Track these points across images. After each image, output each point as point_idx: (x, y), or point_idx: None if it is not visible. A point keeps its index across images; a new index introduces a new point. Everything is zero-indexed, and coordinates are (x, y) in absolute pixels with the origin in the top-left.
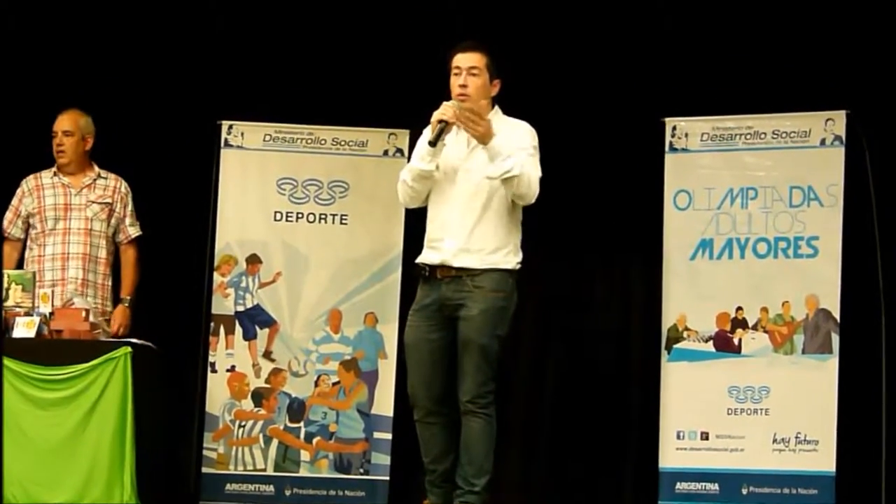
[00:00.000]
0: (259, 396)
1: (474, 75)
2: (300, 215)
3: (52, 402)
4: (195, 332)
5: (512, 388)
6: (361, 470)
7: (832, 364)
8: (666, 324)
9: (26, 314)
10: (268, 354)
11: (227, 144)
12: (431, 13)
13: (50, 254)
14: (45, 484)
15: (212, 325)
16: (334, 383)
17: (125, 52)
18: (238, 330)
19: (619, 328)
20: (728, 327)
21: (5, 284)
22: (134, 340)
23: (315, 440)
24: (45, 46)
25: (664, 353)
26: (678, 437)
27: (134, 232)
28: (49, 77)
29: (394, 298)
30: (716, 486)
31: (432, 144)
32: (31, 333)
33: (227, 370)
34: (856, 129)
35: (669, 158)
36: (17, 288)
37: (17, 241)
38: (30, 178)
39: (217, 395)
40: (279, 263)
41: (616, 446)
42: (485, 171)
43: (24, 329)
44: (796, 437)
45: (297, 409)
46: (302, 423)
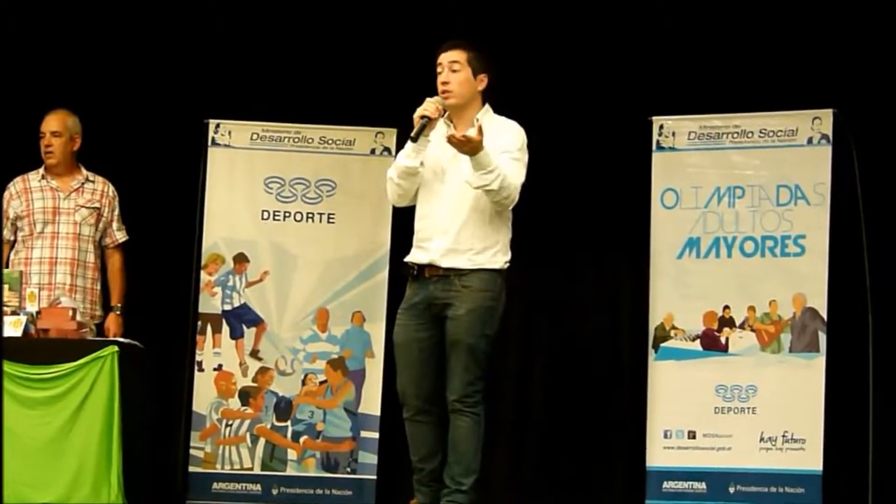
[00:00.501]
0: (246, 395)
1: (455, 71)
2: (287, 214)
3: (38, 401)
4: (182, 330)
5: (500, 388)
6: (349, 469)
7: (819, 363)
8: (653, 323)
9: (13, 313)
10: (255, 353)
11: (214, 143)
12: (419, 11)
13: (38, 257)
14: (33, 484)
15: (199, 323)
16: (321, 382)
17: (111, 51)
18: (225, 329)
19: (606, 327)
20: (715, 326)
21: None
22: (121, 339)
23: (302, 439)
24: (29, 45)
25: (651, 351)
26: (665, 435)
27: (121, 237)
28: (33, 76)
29: (381, 297)
30: (703, 485)
31: (413, 140)
32: (18, 332)
33: (214, 369)
34: (843, 127)
35: (657, 157)
36: (4, 287)
37: (6, 243)
38: (17, 180)
39: (204, 394)
40: (266, 262)
41: (603, 445)
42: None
43: (10, 328)
44: (783, 436)
45: (284, 408)
46: (289, 422)
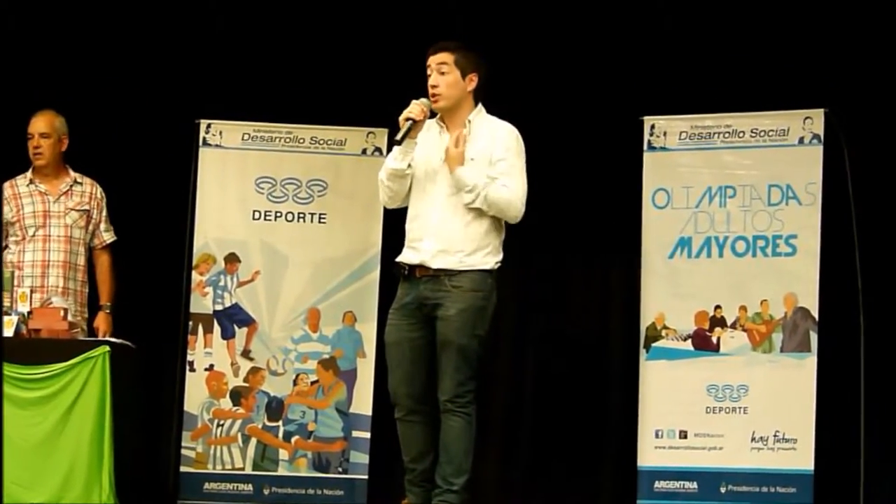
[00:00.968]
0: (237, 395)
1: (444, 73)
2: (279, 214)
3: (30, 401)
4: (173, 331)
5: (491, 388)
6: (340, 469)
7: (811, 363)
8: (644, 322)
9: (4, 313)
10: (246, 353)
11: (205, 143)
12: (411, 11)
13: (30, 260)
14: (24, 484)
15: (190, 324)
16: (313, 382)
17: (101, 50)
18: (216, 329)
19: (597, 327)
20: (706, 326)
21: None
22: (112, 339)
23: (293, 439)
24: (15, 44)
25: (643, 351)
26: (657, 435)
27: (109, 237)
28: (19, 76)
29: (372, 297)
30: (694, 485)
31: (398, 143)
32: (9, 333)
33: (206, 369)
34: (834, 127)
35: (648, 157)
36: None
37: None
38: (4, 185)
39: (195, 394)
40: (258, 262)
41: (595, 445)
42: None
43: None
44: (775, 436)
45: (275, 407)
46: (280, 422)
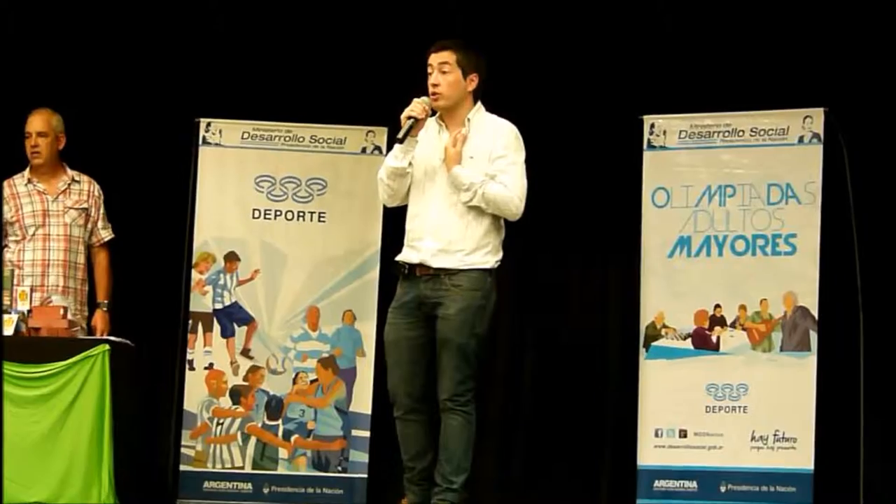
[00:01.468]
0: (237, 394)
1: (445, 72)
2: (278, 213)
3: (29, 399)
4: (173, 329)
5: (490, 386)
6: (339, 468)
7: (810, 362)
8: (644, 321)
9: (4, 312)
10: (246, 352)
11: (204, 142)
12: (411, 10)
13: (30, 259)
14: (23, 482)
15: (190, 322)
16: (312, 381)
17: (101, 48)
18: (216, 328)
19: (597, 326)
20: (706, 325)
21: None
22: (111, 338)
23: (293, 438)
24: (13, 41)
25: (642, 350)
26: (656, 434)
27: (106, 235)
28: (17, 74)
29: (372, 296)
30: (694, 484)
31: (400, 141)
32: (9, 331)
33: (205, 368)
34: (833, 126)
35: (648, 156)
36: None
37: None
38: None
39: (195, 393)
40: (257, 261)
41: (594, 444)
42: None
43: None
44: (774, 435)
45: (275, 406)
46: (280, 421)
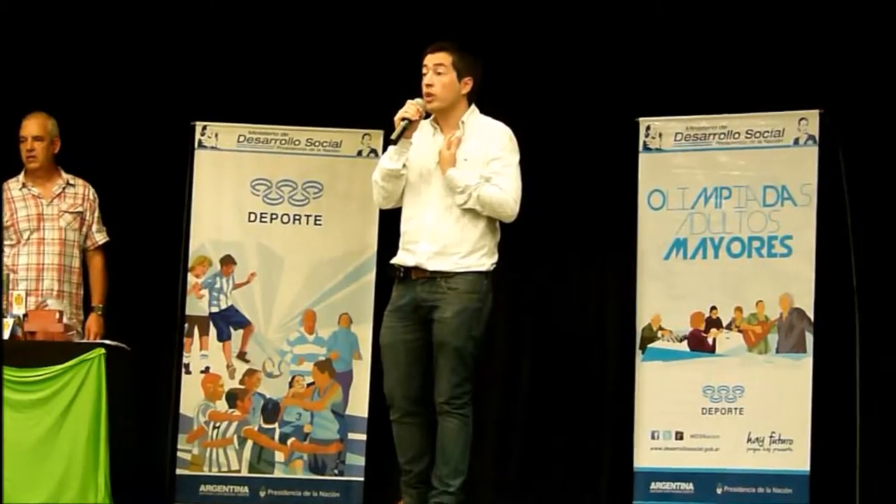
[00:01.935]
0: (233, 397)
1: (440, 74)
2: (274, 216)
3: (26, 404)
4: (169, 333)
5: (487, 389)
6: (336, 471)
7: (806, 363)
8: (640, 324)
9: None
10: (242, 355)
11: (200, 145)
12: (406, 12)
13: (24, 263)
14: (20, 486)
15: (186, 326)
16: (309, 384)
17: (97, 52)
18: (212, 331)
19: (593, 328)
20: (702, 327)
21: None
22: (107, 342)
23: (289, 441)
24: (8, 44)
25: (638, 352)
26: (653, 436)
27: (101, 238)
28: (13, 77)
29: (368, 299)
30: (690, 486)
31: (394, 142)
32: (5, 335)
33: (202, 371)
34: (829, 128)
35: (643, 158)
36: None
37: None
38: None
39: (191, 397)
40: (253, 264)
41: (591, 446)
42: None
43: None
44: (771, 437)
45: (271, 410)
46: (276, 424)
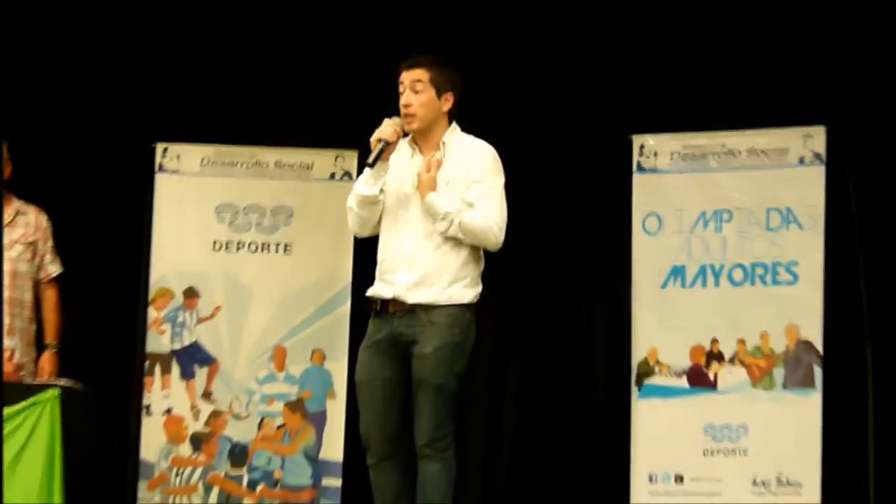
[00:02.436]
0: (198, 441)
1: (418, 92)
2: (241, 244)
3: None
4: (128, 371)
5: (469, 428)
6: None
7: (815, 399)
8: (636, 357)
9: None
10: (207, 395)
11: (161, 169)
12: (382, 23)
13: None
14: None
15: (146, 363)
16: (279, 426)
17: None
18: (175, 369)
19: (584, 362)
20: (703, 361)
21: None
22: (62, 382)
23: (259, 487)
24: None
25: (634, 388)
26: (650, 479)
27: (55, 270)
28: None
29: (343, 333)
30: None
31: (370, 166)
32: None
33: (163, 413)
34: (836, 145)
35: (637, 179)
36: None
37: None
38: None
39: (152, 440)
40: (219, 297)
41: (583, 490)
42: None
43: None
44: (777, 479)
45: (239, 454)
46: (244, 470)
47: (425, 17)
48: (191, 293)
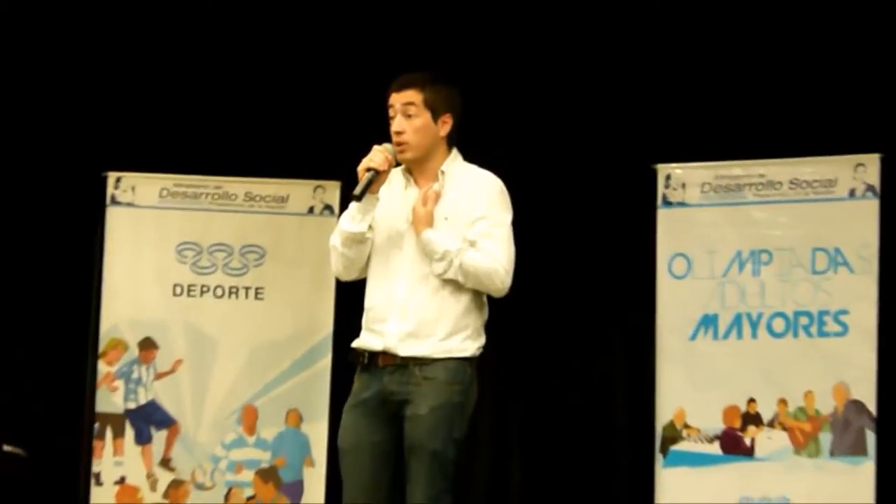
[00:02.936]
0: None
1: (410, 116)
2: (205, 289)
3: None
4: (76, 435)
5: (470, 500)
6: None
7: (867, 468)
8: (661, 420)
9: None
10: (166, 462)
11: (114, 201)
12: (370, 38)
13: None
14: None
15: (96, 425)
16: (249, 498)
17: None
18: (129, 432)
19: (602, 426)
20: (738, 424)
21: None
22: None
23: None
24: None
25: (659, 456)
26: None
27: None
28: None
29: (323, 391)
30: None
31: (358, 199)
32: None
33: (116, 482)
34: (892, 176)
35: (663, 214)
36: None
37: None
38: None
39: None
40: (180, 349)
41: None
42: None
43: None
44: None
45: None
46: None
47: (421, 32)
48: (147, 345)
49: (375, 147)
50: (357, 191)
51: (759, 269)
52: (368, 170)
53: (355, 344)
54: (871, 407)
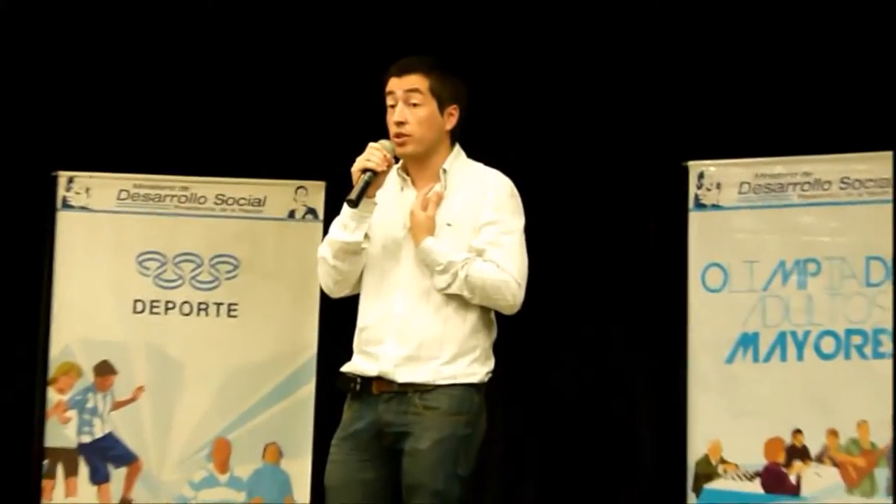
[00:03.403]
0: None
1: (415, 105)
2: (171, 305)
3: None
4: (23, 473)
5: None
6: None
7: None
8: (693, 454)
9: None
10: None
11: (66, 205)
12: (363, 19)
13: None
14: None
15: (45, 463)
16: None
17: None
18: (83, 469)
19: (624, 458)
20: (782, 459)
21: None
22: None
23: None
24: None
25: (691, 495)
26: None
27: None
28: None
29: (306, 422)
30: None
31: (353, 204)
32: None
33: None
34: None
35: (695, 218)
36: None
37: None
38: None
39: None
40: (141, 374)
41: None
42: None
43: None
44: None
45: None
46: None
47: (418, 7)
48: (104, 370)
49: (371, 144)
50: (353, 195)
51: (805, 282)
52: (365, 171)
53: (345, 368)
54: None
